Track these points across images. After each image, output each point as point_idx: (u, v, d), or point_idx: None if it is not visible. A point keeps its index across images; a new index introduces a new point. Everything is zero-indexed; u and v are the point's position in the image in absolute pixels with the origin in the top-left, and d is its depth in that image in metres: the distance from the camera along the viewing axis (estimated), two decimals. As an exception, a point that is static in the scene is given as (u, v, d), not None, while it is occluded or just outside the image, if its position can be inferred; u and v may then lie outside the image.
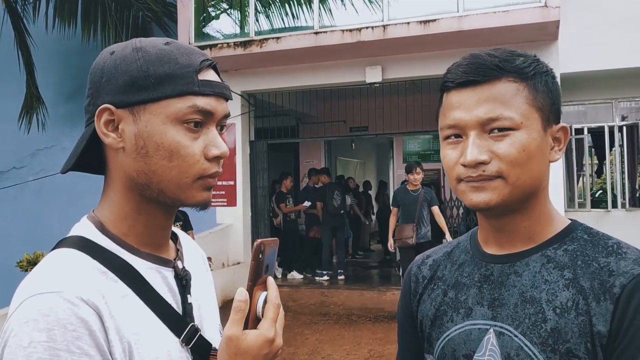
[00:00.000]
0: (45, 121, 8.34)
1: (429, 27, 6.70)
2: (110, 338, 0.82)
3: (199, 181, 0.91)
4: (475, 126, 0.95)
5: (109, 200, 0.94)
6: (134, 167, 0.90)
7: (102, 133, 0.89)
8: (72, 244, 0.90)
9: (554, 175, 6.58)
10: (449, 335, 1.04)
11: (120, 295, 0.87)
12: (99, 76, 0.91)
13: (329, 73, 7.89)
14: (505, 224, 1.01)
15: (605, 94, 8.46)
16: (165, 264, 0.96)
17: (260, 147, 8.77)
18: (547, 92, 0.97)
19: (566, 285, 0.94)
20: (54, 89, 8.91)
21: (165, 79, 0.88)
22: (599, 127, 8.42)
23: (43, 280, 0.82)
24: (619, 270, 0.90)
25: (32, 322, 0.77)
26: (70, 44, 8.51)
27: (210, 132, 0.92)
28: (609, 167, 8.68)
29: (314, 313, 7.26)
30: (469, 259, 1.08)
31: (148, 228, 0.95)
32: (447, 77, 1.00)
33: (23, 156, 9.32)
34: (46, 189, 9.06)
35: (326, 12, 7.37)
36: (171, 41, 0.94)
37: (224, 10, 8.26)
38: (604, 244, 0.97)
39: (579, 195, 8.68)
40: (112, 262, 0.89)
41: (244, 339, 0.85)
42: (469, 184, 0.96)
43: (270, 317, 0.87)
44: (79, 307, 0.79)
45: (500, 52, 0.99)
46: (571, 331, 0.90)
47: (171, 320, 0.93)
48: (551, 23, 6.34)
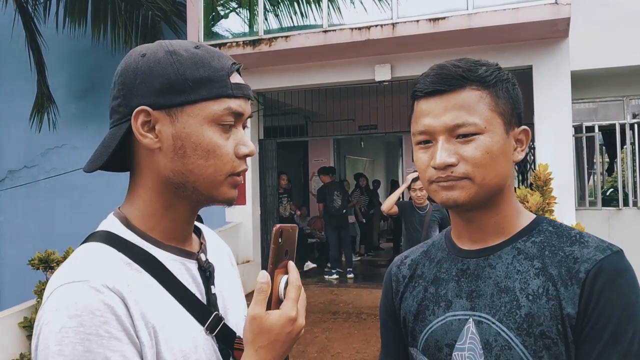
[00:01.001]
0: (56, 120, 8.38)
1: (438, 24, 6.68)
2: (136, 323, 0.86)
3: (229, 178, 0.96)
4: (443, 132, 1.04)
5: (137, 198, 0.98)
6: (170, 167, 0.94)
7: (140, 134, 0.93)
8: (98, 238, 0.94)
9: (565, 174, 6.54)
10: (432, 327, 1.12)
11: (144, 285, 0.91)
12: (131, 78, 0.93)
13: (338, 71, 7.88)
14: (475, 219, 1.10)
15: (616, 92, 8.40)
16: (188, 256, 1.01)
17: (269, 146, 8.77)
18: (508, 98, 1.06)
19: (536, 274, 1.03)
20: (64, 89, 8.96)
21: (202, 82, 0.92)
22: (610, 124, 8.35)
23: (71, 271, 0.87)
24: (583, 257, 1.00)
25: (63, 310, 0.82)
26: (80, 44, 8.56)
27: (239, 131, 0.97)
28: (620, 165, 8.61)
29: (324, 311, 7.26)
30: (446, 255, 1.17)
31: (174, 223, 0.99)
32: (417, 87, 1.09)
33: (34, 155, 9.39)
34: (57, 187, 9.12)
35: (335, 10, 7.36)
36: (200, 44, 0.97)
37: (233, 9, 8.27)
38: (567, 234, 1.07)
39: (590, 194, 8.62)
40: (137, 254, 0.93)
41: (267, 318, 0.89)
42: (439, 184, 1.05)
43: (292, 298, 0.91)
44: (105, 294, 0.83)
45: (464, 62, 1.07)
46: (543, 315, 0.99)
47: (195, 309, 0.96)
48: (562, 20, 6.30)
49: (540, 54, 6.88)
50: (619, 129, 8.19)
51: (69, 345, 0.80)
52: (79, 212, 8.84)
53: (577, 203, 7.87)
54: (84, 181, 8.79)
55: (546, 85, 6.86)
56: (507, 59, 6.98)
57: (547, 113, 6.87)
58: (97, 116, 8.81)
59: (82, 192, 8.86)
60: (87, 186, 8.75)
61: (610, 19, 7.55)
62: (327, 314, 7.18)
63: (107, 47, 8.15)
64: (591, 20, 7.46)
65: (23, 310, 5.88)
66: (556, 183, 5.21)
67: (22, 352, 5.69)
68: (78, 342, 0.80)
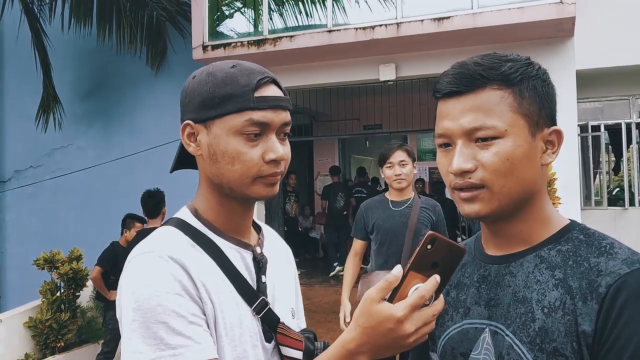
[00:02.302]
0: (62, 120, 8.41)
1: (443, 24, 6.67)
2: (198, 286, 1.02)
3: (260, 179, 1.09)
4: (460, 135, 0.98)
5: (200, 194, 1.16)
6: (210, 170, 1.10)
7: (185, 143, 1.12)
8: (171, 223, 1.14)
9: (570, 173, 6.52)
10: (449, 333, 1.08)
11: (204, 263, 1.07)
12: (184, 97, 1.13)
13: (343, 71, 7.87)
14: (500, 229, 1.03)
15: (622, 91, 8.35)
16: (245, 247, 1.16)
17: (274, 146, 8.76)
18: (534, 96, 0.98)
19: (555, 285, 0.95)
20: (70, 89, 8.98)
21: (227, 98, 1.06)
22: (616, 124, 8.32)
23: (145, 245, 1.06)
24: (607, 270, 0.90)
25: (135, 274, 1.01)
26: (85, 44, 8.58)
27: (270, 139, 1.08)
28: (626, 164, 8.58)
29: (328, 311, 7.26)
30: (471, 259, 1.12)
31: (229, 217, 1.14)
32: (436, 86, 1.03)
33: (40, 155, 9.41)
34: (62, 187, 9.14)
35: (340, 10, 7.35)
36: (237, 63, 1.11)
37: (238, 9, 8.27)
38: (597, 244, 0.97)
39: (596, 193, 8.59)
40: (200, 238, 1.10)
41: (377, 304, 0.92)
42: (461, 194, 0.99)
43: (410, 302, 0.91)
44: (169, 262, 1.01)
45: (488, 58, 1.00)
46: (557, 330, 0.91)
47: (245, 292, 1.10)
48: (567, 20, 6.28)
49: (545, 53, 6.85)
50: (624, 128, 8.16)
51: (144, 302, 0.96)
52: (84, 212, 8.86)
53: (583, 203, 7.83)
54: (89, 181, 8.81)
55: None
56: (512, 58, 6.96)
57: (552, 112, 6.84)
58: (103, 116, 8.84)
59: (87, 192, 8.88)
60: (93, 186, 8.77)
61: (616, 18, 7.51)
62: (332, 314, 7.17)
63: (112, 47, 8.18)
64: (597, 19, 7.43)
65: (28, 310, 5.90)
66: (562, 182, 5.19)
67: (27, 352, 5.71)
68: (150, 298, 0.97)
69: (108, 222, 7.02)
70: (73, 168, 8.86)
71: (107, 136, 8.85)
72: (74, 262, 5.99)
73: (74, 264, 5.97)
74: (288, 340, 1.13)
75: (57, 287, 6.03)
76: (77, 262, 6.04)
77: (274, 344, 1.13)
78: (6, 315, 5.75)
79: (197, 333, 0.98)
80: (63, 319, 5.84)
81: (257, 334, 1.10)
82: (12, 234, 9.49)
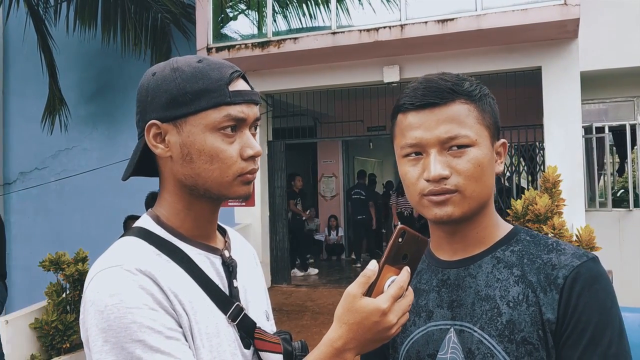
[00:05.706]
0: (68, 122, 8.44)
1: (447, 26, 6.67)
2: (170, 298, 0.97)
3: (239, 178, 1.04)
4: (435, 144, 1.04)
5: (164, 200, 1.09)
6: (182, 172, 1.04)
7: (152, 145, 1.04)
8: (132, 232, 1.06)
9: (574, 175, 6.51)
10: (413, 338, 1.13)
11: (173, 272, 1.01)
12: (144, 96, 1.05)
13: (347, 73, 7.88)
14: (459, 231, 1.11)
15: (626, 92, 8.33)
16: (213, 251, 1.10)
17: (278, 147, 8.79)
18: (491, 112, 1.09)
19: (516, 282, 1.05)
20: (75, 91, 9.02)
21: (201, 94, 1.00)
22: (620, 125, 8.29)
23: (107, 259, 0.99)
24: (561, 263, 1.02)
25: (103, 291, 0.93)
26: (90, 46, 8.62)
27: (244, 134, 1.05)
28: (631, 165, 8.55)
29: (332, 313, 7.24)
30: (425, 267, 1.18)
31: (197, 221, 1.09)
32: (405, 99, 1.09)
33: (45, 157, 9.45)
34: (67, 189, 9.18)
35: (344, 12, 7.36)
36: (203, 58, 1.06)
37: (242, 11, 8.29)
38: (544, 243, 1.09)
39: (600, 195, 8.57)
40: (166, 247, 1.04)
41: (360, 299, 0.93)
42: (432, 199, 1.05)
43: (390, 293, 0.93)
44: (137, 275, 0.95)
45: (449, 76, 1.08)
46: (524, 321, 1.01)
47: (218, 299, 1.05)
48: (571, 21, 6.27)
49: (549, 54, 6.85)
50: (629, 130, 8.13)
51: (115, 320, 0.90)
52: (89, 214, 8.89)
53: (587, 204, 7.82)
54: (94, 183, 8.84)
55: (555, 86, 6.83)
56: (516, 60, 6.95)
57: (556, 114, 6.83)
58: (107, 118, 8.87)
59: (92, 194, 8.91)
60: (97, 188, 8.80)
61: (620, 20, 7.50)
62: (336, 315, 7.17)
63: (117, 49, 8.21)
64: (601, 20, 7.42)
65: (34, 311, 5.92)
66: (566, 184, 5.17)
67: (32, 353, 5.73)
68: (122, 316, 0.91)
69: (113, 224, 7.04)
70: (78, 170, 8.89)
71: (112, 138, 8.88)
72: (79, 264, 6.02)
73: (79, 265, 6.00)
74: (266, 344, 1.11)
75: (63, 288, 6.05)
76: (82, 263, 6.06)
77: (252, 350, 1.10)
78: (12, 317, 5.77)
79: (176, 348, 0.93)
80: (69, 320, 5.86)
81: (235, 341, 1.06)
82: (18, 236, 9.53)
